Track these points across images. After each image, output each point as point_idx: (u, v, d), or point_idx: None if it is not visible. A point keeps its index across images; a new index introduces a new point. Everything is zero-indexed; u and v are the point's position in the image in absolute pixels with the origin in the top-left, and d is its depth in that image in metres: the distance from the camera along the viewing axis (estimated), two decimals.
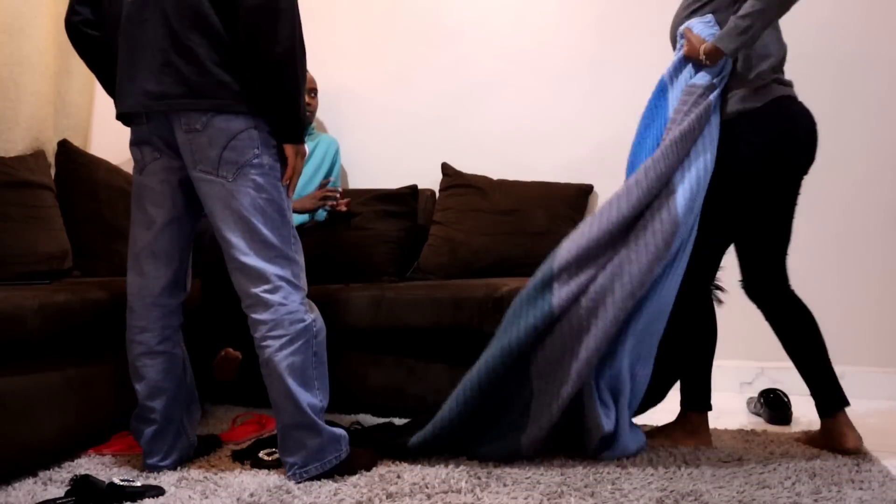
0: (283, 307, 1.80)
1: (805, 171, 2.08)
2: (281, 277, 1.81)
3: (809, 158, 2.06)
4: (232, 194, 1.79)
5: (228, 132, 1.78)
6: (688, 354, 2.15)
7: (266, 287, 1.80)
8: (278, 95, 1.80)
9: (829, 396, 2.07)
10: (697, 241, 1.99)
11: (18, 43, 2.57)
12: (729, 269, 3.00)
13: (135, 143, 1.92)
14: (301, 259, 1.90)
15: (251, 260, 1.80)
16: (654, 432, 2.17)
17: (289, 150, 1.87)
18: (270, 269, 1.80)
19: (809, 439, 2.15)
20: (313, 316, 1.87)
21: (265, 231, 1.81)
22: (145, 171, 1.90)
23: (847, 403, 2.06)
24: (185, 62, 1.76)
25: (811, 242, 2.92)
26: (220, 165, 1.78)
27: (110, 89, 2.00)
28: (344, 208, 2.85)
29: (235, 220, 1.80)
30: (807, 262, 2.94)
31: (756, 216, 2.07)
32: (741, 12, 1.92)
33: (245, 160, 1.79)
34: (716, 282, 2.18)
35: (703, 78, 2.00)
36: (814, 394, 2.09)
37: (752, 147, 2.00)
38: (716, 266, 2.13)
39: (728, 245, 2.14)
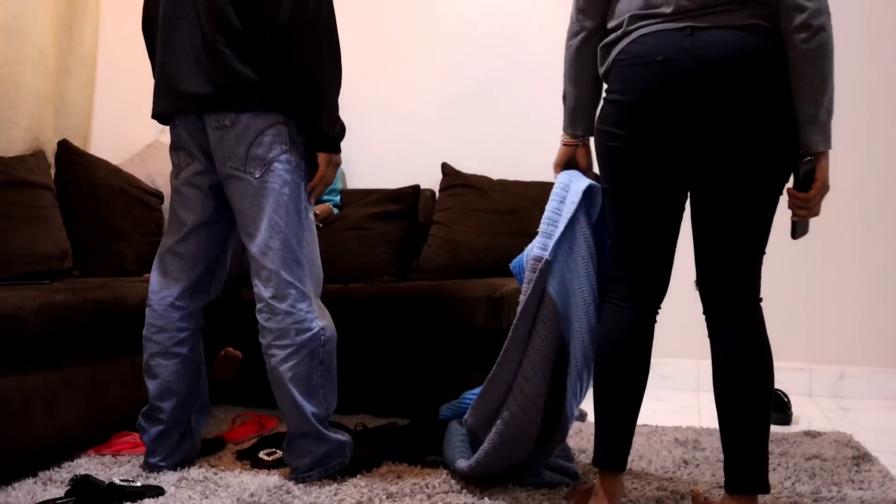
0: (290, 316, 1.79)
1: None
2: (290, 284, 1.80)
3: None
4: (259, 191, 1.80)
5: (255, 128, 1.79)
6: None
7: (275, 293, 1.79)
8: (306, 104, 1.78)
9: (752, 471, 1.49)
10: None
11: (18, 43, 2.57)
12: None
13: (173, 148, 1.94)
14: (310, 263, 1.87)
15: (267, 261, 1.80)
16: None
17: (321, 158, 1.85)
18: (283, 273, 1.80)
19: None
20: (322, 324, 1.84)
21: (285, 230, 1.80)
22: (180, 177, 1.92)
23: (768, 490, 1.49)
24: (212, 63, 1.77)
25: (812, 243, 2.93)
26: (248, 162, 1.79)
27: None
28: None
29: (260, 217, 1.80)
30: (807, 263, 2.95)
31: None
32: (816, 102, 1.45)
33: (272, 156, 1.80)
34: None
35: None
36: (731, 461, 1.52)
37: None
38: None
39: None
